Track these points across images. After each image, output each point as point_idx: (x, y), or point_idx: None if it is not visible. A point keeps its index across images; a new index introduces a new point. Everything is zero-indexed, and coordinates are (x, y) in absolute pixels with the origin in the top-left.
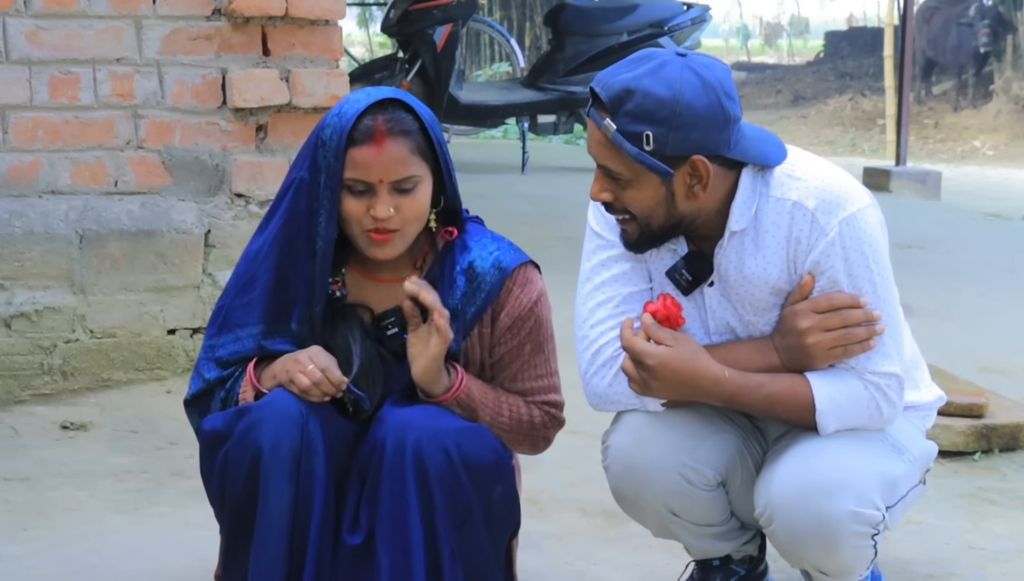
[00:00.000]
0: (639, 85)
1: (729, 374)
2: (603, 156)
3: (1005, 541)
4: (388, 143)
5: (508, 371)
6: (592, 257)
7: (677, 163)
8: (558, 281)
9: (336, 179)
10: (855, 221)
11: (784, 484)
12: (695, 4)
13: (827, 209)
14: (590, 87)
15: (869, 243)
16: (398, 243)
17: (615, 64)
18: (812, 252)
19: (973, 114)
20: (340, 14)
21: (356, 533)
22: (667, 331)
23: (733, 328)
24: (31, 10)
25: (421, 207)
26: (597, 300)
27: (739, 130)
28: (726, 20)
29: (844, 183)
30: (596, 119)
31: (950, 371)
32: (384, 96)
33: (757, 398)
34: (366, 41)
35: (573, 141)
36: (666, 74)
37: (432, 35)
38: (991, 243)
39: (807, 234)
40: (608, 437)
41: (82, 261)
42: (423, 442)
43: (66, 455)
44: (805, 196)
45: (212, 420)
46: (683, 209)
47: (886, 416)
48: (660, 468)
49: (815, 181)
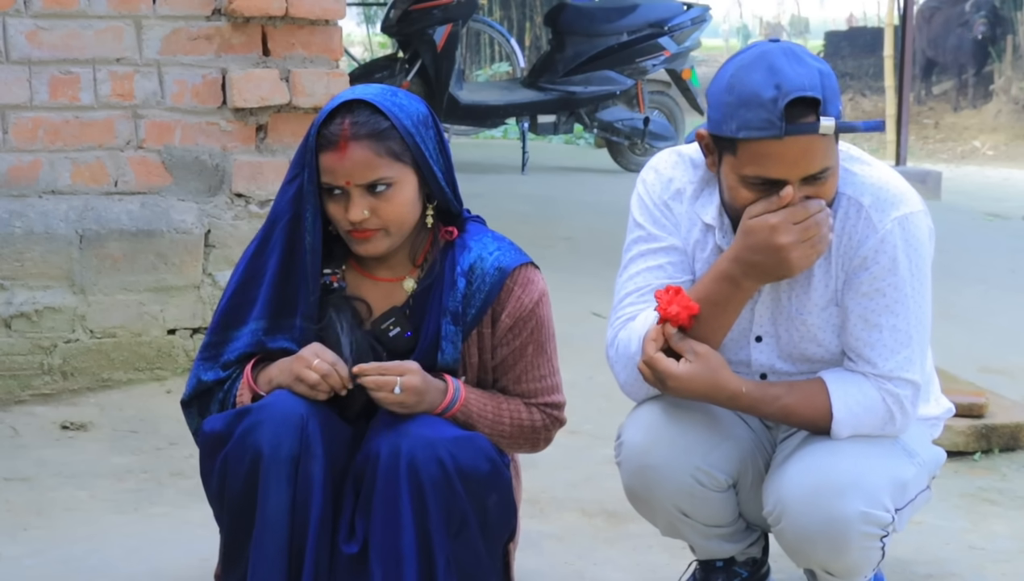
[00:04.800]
0: (815, 73)
1: (746, 389)
2: (825, 159)
3: (1005, 541)
4: (352, 147)
5: (511, 373)
6: (634, 247)
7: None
8: (558, 281)
9: (315, 179)
10: (908, 222)
11: (795, 483)
12: (695, 4)
13: (881, 207)
14: (784, 105)
15: (916, 248)
16: (382, 241)
17: (764, 72)
18: (861, 247)
19: (973, 114)
20: (340, 14)
21: (352, 542)
22: (689, 343)
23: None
24: (31, 10)
25: (400, 208)
26: (628, 289)
27: None
28: (726, 20)
29: (899, 184)
30: (812, 129)
31: (950, 371)
32: (358, 96)
33: (773, 409)
34: (366, 41)
35: (573, 141)
36: (803, 53)
37: (432, 35)
38: (991, 243)
39: (859, 230)
40: (623, 432)
41: (82, 261)
42: (417, 451)
43: (66, 455)
44: (860, 192)
45: (212, 421)
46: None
47: (899, 426)
48: (673, 469)
49: (871, 178)
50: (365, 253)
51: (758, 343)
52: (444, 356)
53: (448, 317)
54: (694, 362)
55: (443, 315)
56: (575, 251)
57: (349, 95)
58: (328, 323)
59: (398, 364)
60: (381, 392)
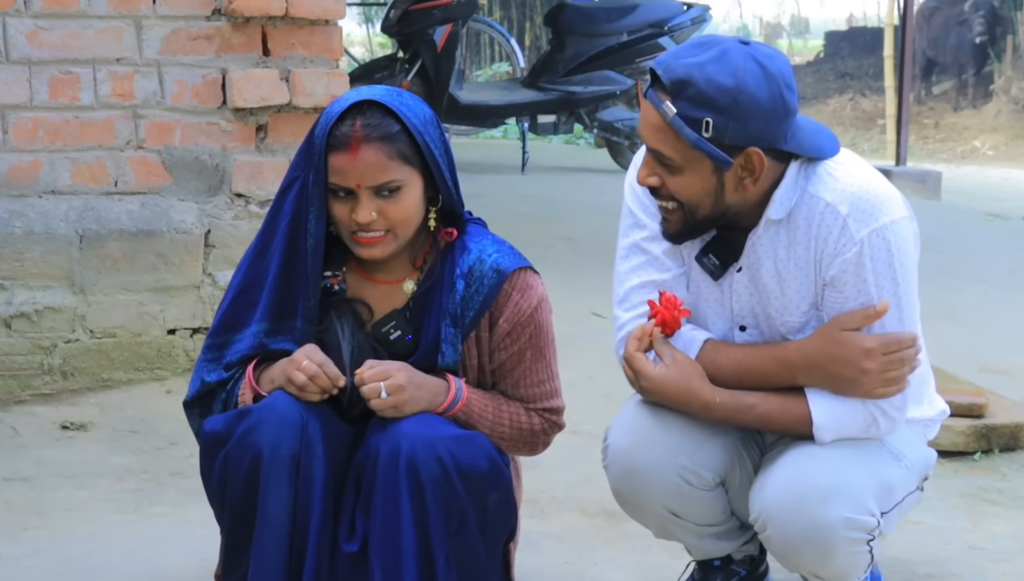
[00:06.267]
0: (703, 71)
1: (720, 399)
2: (656, 140)
3: (1005, 541)
4: (364, 149)
5: (510, 378)
6: (628, 236)
7: (733, 153)
8: (558, 281)
9: (321, 181)
10: (886, 233)
11: (778, 490)
12: (695, 4)
13: (859, 217)
14: (650, 67)
15: (897, 256)
16: (389, 244)
17: (677, 48)
18: (838, 258)
19: (973, 114)
20: (340, 14)
21: (352, 541)
22: (669, 349)
23: (756, 314)
24: (31, 10)
25: (407, 210)
26: (633, 283)
27: (795, 123)
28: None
29: (881, 192)
30: (655, 101)
31: (950, 371)
32: (366, 97)
33: (749, 418)
34: (366, 41)
35: (573, 141)
36: (730, 62)
37: (432, 35)
38: (991, 243)
39: (835, 238)
40: (609, 435)
41: (82, 261)
42: (417, 450)
43: (66, 455)
44: (839, 199)
45: (212, 422)
46: (730, 201)
47: (883, 430)
48: (659, 470)
49: (852, 185)
50: (369, 257)
51: (742, 332)
52: (444, 358)
53: (447, 319)
54: (671, 367)
55: (443, 317)
56: (575, 251)
57: (356, 96)
58: (329, 326)
59: (382, 367)
60: (372, 400)
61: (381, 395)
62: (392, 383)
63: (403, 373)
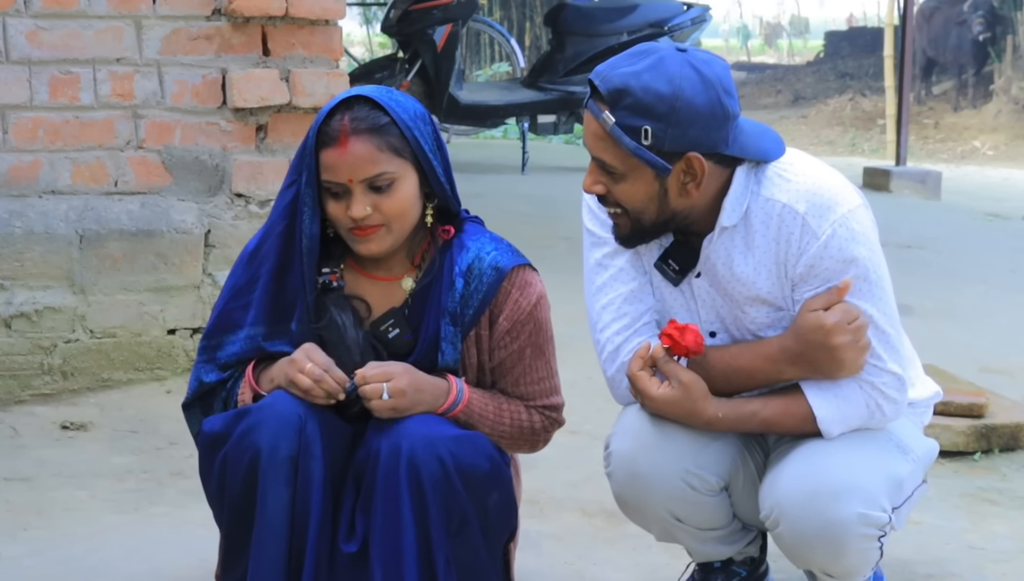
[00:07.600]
0: (639, 79)
1: (723, 414)
2: (599, 148)
3: (1005, 541)
4: (353, 142)
5: (509, 376)
6: (590, 256)
7: (673, 159)
8: (558, 281)
9: (314, 180)
10: (847, 222)
11: (791, 486)
12: (695, 4)
13: (817, 212)
14: (589, 79)
15: (862, 242)
16: (385, 238)
17: (614, 57)
18: (804, 255)
19: (973, 114)
20: (340, 14)
21: (352, 541)
22: (673, 368)
23: (723, 318)
24: (31, 10)
25: (402, 204)
26: (602, 302)
27: (737, 127)
28: (726, 20)
29: (833, 185)
30: (594, 111)
31: (950, 371)
32: (353, 94)
33: (753, 425)
34: (366, 41)
35: (573, 141)
36: (666, 69)
37: (432, 35)
38: (991, 243)
39: (798, 238)
40: (611, 442)
41: (82, 261)
42: (417, 450)
43: (66, 455)
44: (795, 199)
45: (211, 422)
46: (675, 206)
47: (888, 414)
48: (663, 475)
49: (805, 184)
50: (367, 252)
51: (712, 338)
52: (444, 357)
53: (447, 318)
54: (676, 389)
55: (442, 316)
56: (575, 251)
57: (345, 94)
58: (329, 323)
59: (385, 369)
60: (373, 401)
61: (383, 396)
62: (394, 386)
63: (406, 377)
